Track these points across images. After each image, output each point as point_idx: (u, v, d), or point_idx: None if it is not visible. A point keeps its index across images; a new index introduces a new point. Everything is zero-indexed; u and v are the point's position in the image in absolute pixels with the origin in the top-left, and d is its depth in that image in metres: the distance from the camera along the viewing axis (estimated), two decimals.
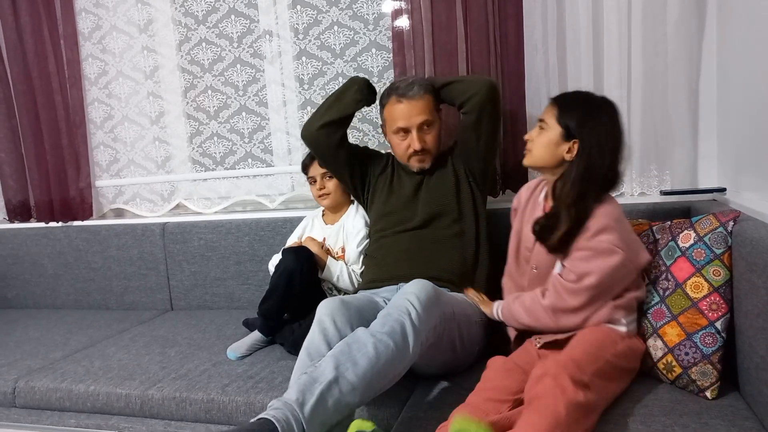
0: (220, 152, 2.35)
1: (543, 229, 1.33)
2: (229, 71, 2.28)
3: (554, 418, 1.02)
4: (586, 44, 1.74)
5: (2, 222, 2.58)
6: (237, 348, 1.74)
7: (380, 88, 2.10)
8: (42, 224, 2.48)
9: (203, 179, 2.36)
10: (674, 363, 1.28)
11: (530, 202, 1.48)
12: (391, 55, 2.00)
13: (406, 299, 1.25)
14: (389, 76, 2.08)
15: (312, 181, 1.91)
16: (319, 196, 1.90)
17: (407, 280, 1.40)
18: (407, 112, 1.64)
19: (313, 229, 1.95)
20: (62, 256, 2.43)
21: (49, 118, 2.37)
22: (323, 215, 1.97)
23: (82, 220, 2.43)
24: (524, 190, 1.54)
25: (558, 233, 1.28)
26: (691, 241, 1.31)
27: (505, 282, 1.55)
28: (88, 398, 1.63)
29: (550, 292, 1.32)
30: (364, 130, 2.14)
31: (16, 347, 1.99)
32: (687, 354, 1.26)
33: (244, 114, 2.29)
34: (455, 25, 1.85)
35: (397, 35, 1.94)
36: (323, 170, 1.86)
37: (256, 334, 1.78)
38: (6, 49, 2.38)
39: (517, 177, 1.89)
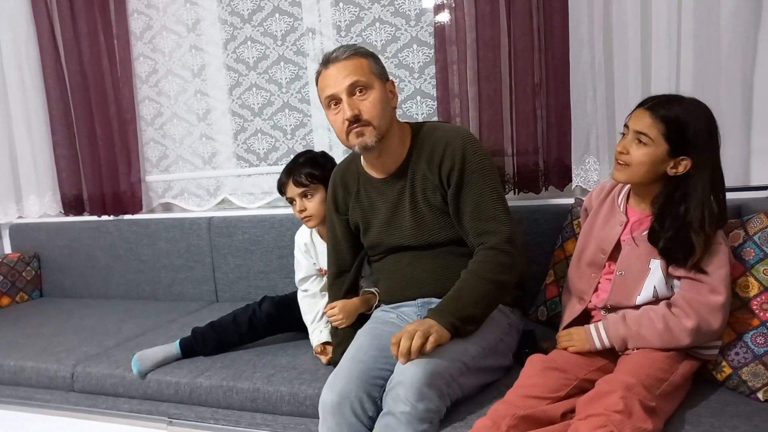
0: (263, 148, 2.40)
1: (672, 250, 1.23)
2: (273, 69, 2.32)
3: None
4: (634, 37, 1.70)
5: (58, 215, 2.70)
6: (144, 360, 1.69)
7: (420, 84, 2.12)
8: (95, 217, 2.59)
9: (247, 175, 2.42)
10: (724, 363, 1.25)
11: (605, 205, 1.41)
12: (433, 51, 2.00)
13: (397, 403, 1.18)
14: (430, 72, 2.09)
15: (291, 201, 1.72)
16: (303, 219, 1.71)
17: (423, 296, 1.41)
18: (334, 76, 1.38)
19: (317, 253, 1.75)
20: (114, 248, 2.53)
21: (102, 116, 2.46)
22: (317, 233, 1.76)
23: (133, 214, 2.52)
24: (596, 191, 1.47)
25: (695, 258, 1.20)
26: (740, 240, 1.28)
27: (566, 297, 1.46)
28: (140, 385, 1.70)
29: (691, 313, 1.20)
30: None
31: (73, 334, 2.09)
32: (737, 354, 1.23)
33: (287, 111, 2.34)
34: (498, 19, 1.84)
35: (439, 31, 1.94)
36: (300, 189, 1.67)
37: (171, 350, 1.74)
38: (63, 50, 2.49)
39: (560, 173, 1.86)
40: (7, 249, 2.83)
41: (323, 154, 1.78)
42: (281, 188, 1.73)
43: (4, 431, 1.94)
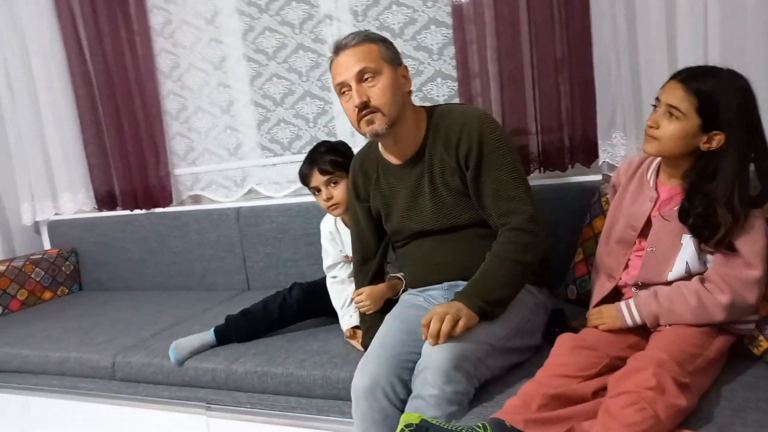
0: (287, 138, 2.42)
1: (700, 227, 1.20)
2: (293, 58, 2.33)
3: (655, 420, 1.00)
4: (657, 4, 1.65)
5: (92, 211, 2.78)
6: (181, 348, 1.75)
7: (440, 65, 2.10)
8: (127, 212, 2.65)
9: (272, 164, 2.44)
10: (761, 337, 1.22)
11: (634, 180, 1.38)
12: (451, 31, 1.98)
13: (426, 387, 1.19)
14: (449, 53, 2.07)
15: (316, 191, 1.73)
16: (329, 207, 1.71)
17: (449, 280, 1.42)
18: (344, 63, 1.39)
19: (342, 241, 1.77)
20: (147, 241, 2.60)
21: (129, 112, 2.51)
22: (342, 220, 1.78)
23: (163, 207, 2.58)
24: (624, 166, 1.44)
25: (720, 234, 1.17)
26: None
27: (596, 275, 1.44)
28: (177, 372, 1.76)
29: (725, 289, 1.18)
30: None
31: (111, 326, 2.16)
32: None
33: (308, 99, 2.34)
34: None
35: (457, 10, 1.91)
36: (325, 177, 1.68)
37: (206, 338, 1.79)
38: (88, 49, 2.54)
39: (587, 150, 1.83)
40: (47, 245, 2.93)
41: (342, 143, 1.80)
42: (305, 179, 1.73)
43: (53, 418, 2.03)
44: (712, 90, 1.18)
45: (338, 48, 1.42)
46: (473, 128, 1.39)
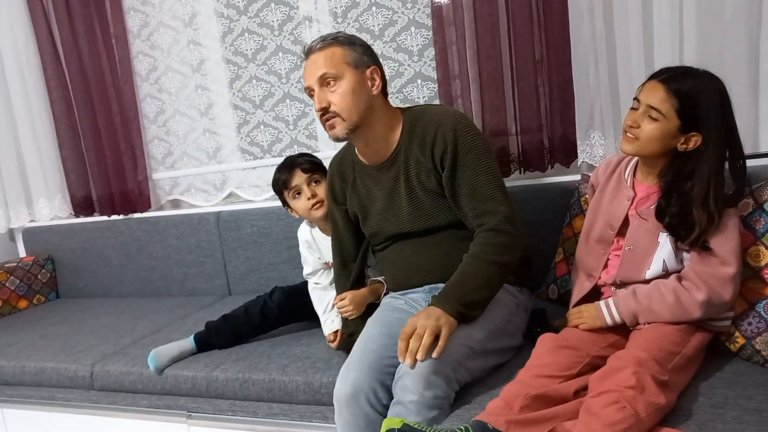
0: (267, 140, 2.40)
1: (677, 226, 1.21)
2: (272, 60, 2.31)
3: (635, 419, 1.00)
4: (635, 6, 1.67)
5: (69, 217, 2.73)
6: (160, 356, 1.72)
7: (420, 66, 2.10)
8: (104, 217, 2.61)
9: (252, 167, 2.42)
10: (737, 334, 1.24)
11: (612, 180, 1.39)
12: (431, 32, 1.98)
13: (406, 393, 1.19)
14: (429, 55, 2.07)
15: (296, 194, 1.68)
16: (312, 207, 1.67)
17: (429, 283, 1.42)
18: (309, 67, 1.40)
19: (319, 248, 1.74)
20: (125, 247, 2.56)
21: (106, 115, 2.47)
22: (317, 228, 1.75)
23: (142, 212, 2.54)
24: (602, 166, 1.44)
25: (695, 234, 1.18)
26: (750, 209, 1.26)
27: (575, 274, 1.45)
28: (158, 380, 1.73)
29: (701, 286, 1.19)
30: None
31: (90, 333, 2.12)
32: (750, 324, 1.22)
33: (288, 101, 2.33)
34: None
35: (437, 11, 1.91)
36: (307, 174, 1.66)
37: (185, 345, 1.76)
38: (63, 51, 2.49)
39: (566, 150, 1.84)
40: (22, 253, 2.87)
41: (310, 154, 1.79)
42: (285, 182, 1.69)
43: (29, 430, 1.98)
44: (693, 92, 1.19)
45: (307, 52, 1.43)
46: (448, 128, 1.38)
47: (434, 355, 1.19)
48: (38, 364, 1.92)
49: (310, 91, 1.42)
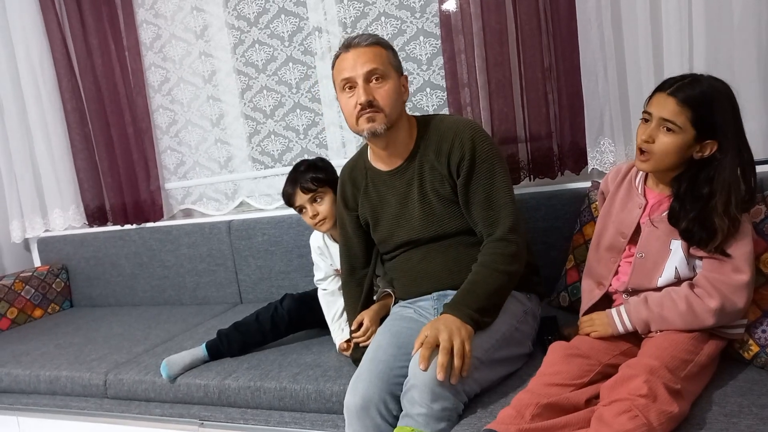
0: (277, 150, 2.42)
1: (696, 231, 1.20)
2: (282, 70, 2.34)
3: (647, 428, 0.99)
4: (643, 12, 1.67)
5: (83, 227, 2.76)
6: (173, 365, 1.73)
7: (429, 75, 2.11)
8: (118, 227, 2.64)
9: (263, 177, 2.44)
10: (751, 341, 1.23)
11: (622, 187, 1.38)
12: (440, 41, 1.99)
13: (413, 405, 1.19)
14: (438, 63, 2.08)
15: (300, 210, 1.73)
16: (316, 224, 1.71)
17: (438, 290, 1.41)
18: (353, 60, 1.40)
19: (331, 255, 1.77)
20: (138, 256, 2.58)
21: (119, 126, 2.51)
22: (330, 236, 1.78)
23: (154, 222, 2.57)
24: (612, 173, 1.44)
25: (718, 240, 1.17)
26: (762, 216, 1.25)
27: (586, 282, 1.44)
28: (170, 389, 1.74)
29: (714, 294, 1.18)
30: None
31: (103, 342, 2.14)
32: (764, 332, 1.21)
33: (298, 111, 2.35)
34: (504, 5, 1.82)
35: (445, 20, 1.92)
36: (309, 195, 1.68)
37: (197, 353, 1.77)
38: (77, 64, 2.53)
39: (576, 157, 1.84)
40: (37, 262, 2.91)
41: (321, 159, 1.80)
42: (289, 199, 1.73)
43: None
44: (704, 100, 1.18)
45: (349, 45, 1.42)
46: (466, 137, 1.41)
47: (464, 373, 1.20)
48: (53, 373, 1.94)
49: (347, 83, 1.41)
